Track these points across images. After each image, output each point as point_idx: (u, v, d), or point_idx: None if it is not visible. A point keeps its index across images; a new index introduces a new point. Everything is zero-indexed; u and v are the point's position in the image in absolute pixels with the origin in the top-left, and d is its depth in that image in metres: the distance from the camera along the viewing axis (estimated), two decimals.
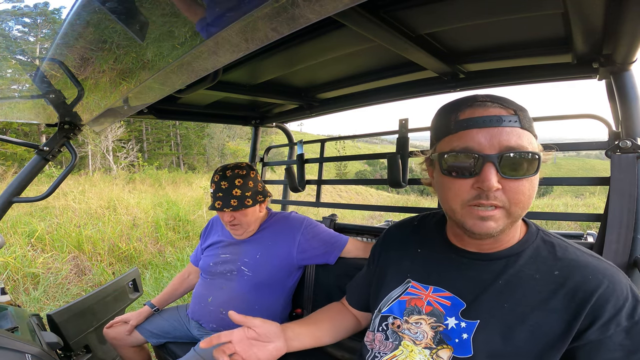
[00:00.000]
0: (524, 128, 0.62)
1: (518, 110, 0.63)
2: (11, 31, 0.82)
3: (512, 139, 0.61)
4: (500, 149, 0.61)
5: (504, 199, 0.62)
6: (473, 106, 0.65)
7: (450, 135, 0.66)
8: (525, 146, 0.61)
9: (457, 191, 0.64)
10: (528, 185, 0.62)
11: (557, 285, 0.62)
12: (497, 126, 0.62)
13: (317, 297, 1.55)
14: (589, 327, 0.58)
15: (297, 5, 0.41)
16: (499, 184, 0.61)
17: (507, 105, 0.64)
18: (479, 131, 0.62)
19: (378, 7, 0.82)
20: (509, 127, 0.62)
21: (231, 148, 29.34)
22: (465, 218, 0.65)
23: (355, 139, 35.39)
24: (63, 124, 1.32)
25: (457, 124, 0.65)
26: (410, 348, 0.70)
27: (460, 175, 0.64)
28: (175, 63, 0.64)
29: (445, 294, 0.71)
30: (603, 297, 0.58)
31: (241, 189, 1.36)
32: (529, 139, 0.63)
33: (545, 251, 0.68)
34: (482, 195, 0.62)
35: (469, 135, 0.63)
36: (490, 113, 0.63)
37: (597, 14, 0.75)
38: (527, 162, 0.61)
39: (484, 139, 0.62)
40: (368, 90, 1.58)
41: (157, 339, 1.52)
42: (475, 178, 0.62)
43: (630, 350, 0.56)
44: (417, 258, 0.81)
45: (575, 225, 7.95)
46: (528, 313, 0.62)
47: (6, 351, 0.91)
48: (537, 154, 0.61)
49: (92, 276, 4.22)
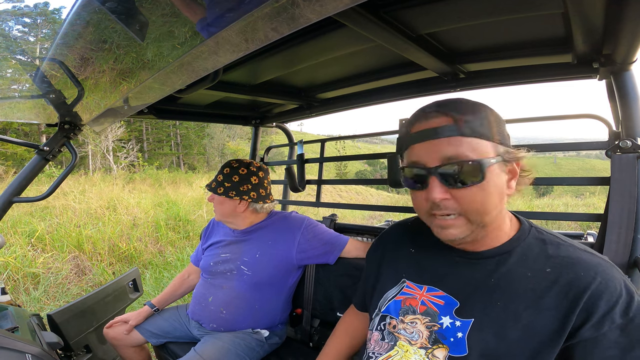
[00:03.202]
0: (464, 135, 0.61)
1: (458, 117, 0.61)
2: (11, 31, 0.83)
3: (450, 149, 0.61)
4: (441, 160, 0.62)
5: (457, 207, 0.63)
6: (419, 119, 0.66)
7: (405, 149, 0.69)
8: (465, 154, 0.60)
9: (418, 202, 0.68)
10: (478, 191, 0.61)
11: (549, 282, 0.62)
12: (434, 138, 0.62)
13: (317, 297, 1.55)
14: (583, 325, 0.58)
15: (297, 5, 0.41)
16: (446, 194, 0.62)
17: (448, 112, 0.63)
18: (421, 145, 0.64)
19: (378, 7, 0.82)
20: (448, 137, 0.61)
21: (231, 148, 29.35)
22: (431, 226, 0.69)
23: (355, 139, 35.40)
24: (63, 124, 1.32)
25: (409, 138, 0.67)
26: (406, 348, 0.70)
27: (414, 188, 0.67)
28: (175, 63, 0.64)
29: (438, 293, 0.72)
30: (596, 293, 0.58)
31: (233, 182, 1.43)
32: (471, 145, 0.61)
33: (537, 248, 0.67)
34: (434, 207, 0.64)
35: (414, 150, 0.66)
36: (429, 125, 0.63)
37: (597, 14, 0.75)
38: (470, 170, 0.60)
39: (424, 153, 0.64)
40: (368, 90, 1.58)
41: (157, 339, 1.52)
42: (425, 191, 0.65)
43: (625, 348, 0.55)
44: (412, 258, 0.81)
45: (575, 225, 7.95)
46: (521, 311, 0.62)
47: (6, 351, 0.91)
48: (477, 161, 0.60)
49: (92, 276, 4.22)
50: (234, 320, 1.39)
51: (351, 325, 1.01)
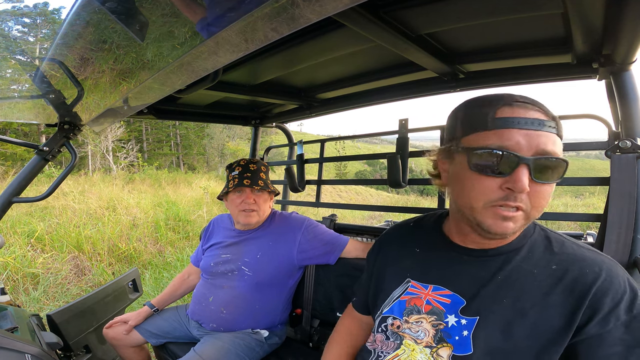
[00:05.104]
0: (559, 135, 0.63)
1: (556, 118, 0.64)
2: (11, 31, 0.83)
3: (549, 144, 0.61)
4: (536, 152, 0.60)
5: (528, 202, 0.61)
6: (513, 105, 0.63)
7: (486, 130, 0.63)
8: (558, 153, 0.61)
9: (484, 189, 0.62)
10: (550, 190, 0.63)
11: (555, 279, 0.62)
12: (537, 130, 0.61)
13: (317, 298, 1.55)
14: (589, 322, 0.58)
15: (297, 5, 0.41)
16: (529, 187, 0.60)
17: (547, 111, 0.63)
18: (518, 132, 0.61)
19: (378, 7, 0.82)
20: (547, 132, 0.61)
21: (231, 148, 29.32)
22: (484, 217, 0.63)
23: (355, 139, 35.41)
24: (63, 124, 1.32)
25: (495, 121, 0.62)
26: (412, 347, 0.70)
27: (490, 173, 0.61)
28: (175, 63, 0.64)
29: (444, 292, 0.71)
30: (601, 290, 0.58)
31: (266, 174, 1.47)
32: (560, 147, 0.63)
33: (543, 246, 0.68)
34: (510, 197, 0.61)
35: (507, 134, 0.61)
36: (531, 115, 0.61)
37: (596, 14, 0.75)
38: (557, 168, 0.61)
39: (523, 140, 0.60)
40: (368, 90, 1.58)
41: (157, 339, 1.52)
42: (505, 178, 0.61)
43: (630, 345, 0.56)
44: (416, 257, 0.81)
45: (575, 225, 7.95)
46: (528, 308, 0.62)
47: (6, 351, 0.91)
48: (565, 161, 0.62)
49: (91, 276, 4.21)
50: (234, 320, 1.39)
51: (350, 329, 0.99)
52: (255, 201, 1.42)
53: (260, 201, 1.43)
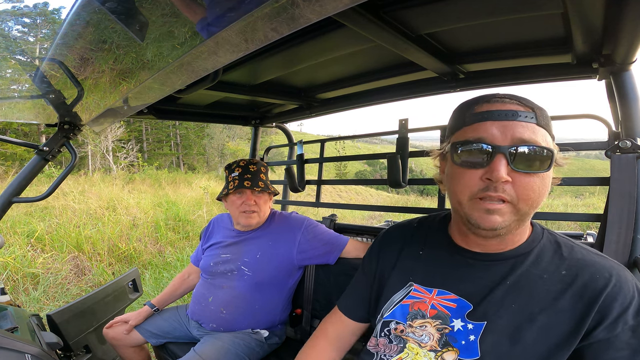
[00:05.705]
0: (540, 125, 0.62)
1: (536, 108, 0.63)
2: (11, 31, 0.82)
3: (526, 132, 0.61)
4: (513, 141, 0.61)
5: (513, 193, 0.61)
6: (490, 101, 0.65)
7: (465, 127, 0.66)
8: (538, 141, 0.61)
9: (467, 182, 0.64)
10: (539, 181, 0.61)
11: (565, 285, 0.62)
12: (512, 120, 0.61)
13: (317, 298, 1.55)
14: (597, 326, 0.58)
15: (297, 5, 0.41)
16: (508, 177, 0.60)
17: (525, 103, 0.64)
18: (492, 123, 0.62)
19: (378, 7, 0.82)
20: (524, 121, 0.61)
21: (231, 148, 29.31)
22: (471, 211, 0.64)
23: (355, 139, 35.41)
24: (63, 124, 1.32)
25: (472, 117, 0.65)
26: (416, 351, 0.69)
27: (470, 165, 0.63)
28: (175, 63, 0.64)
29: (450, 296, 0.70)
30: (611, 296, 0.58)
31: (265, 175, 1.48)
32: (544, 136, 0.62)
33: (552, 251, 0.67)
34: (490, 187, 0.61)
35: (482, 127, 0.63)
36: (507, 108, 0.63)
37: (596, 14, 0.75)
38: (540, 157, 0.61)
39: (497, 131, 0.62)
40: (368, 90, 1.58)
41: (157, 339, 1.52)
42: (485, 169, 0.62)
43: (637, 349, 0.56)
44: (420, 260, 0.79)
45: (574, 225, 7.95)
46: (537, 313, 0.62)
47: (6, 351, 0.91)
48: (550, 150, 0.61)
49: (91, 276, 4.21)
50: (234, 320, 1.39)
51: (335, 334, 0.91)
52: (255, 202, 1.42)
53: (260, 202, 1.44)
